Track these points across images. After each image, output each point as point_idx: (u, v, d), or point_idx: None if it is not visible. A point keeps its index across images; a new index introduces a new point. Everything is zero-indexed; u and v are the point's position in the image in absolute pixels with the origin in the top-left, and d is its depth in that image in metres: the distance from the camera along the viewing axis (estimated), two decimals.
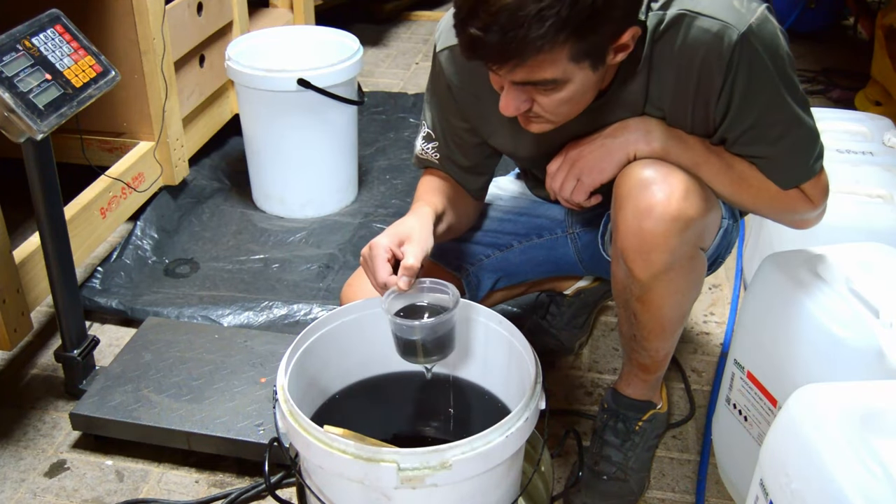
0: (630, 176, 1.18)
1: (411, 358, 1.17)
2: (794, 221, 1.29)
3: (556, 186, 1.25)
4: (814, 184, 1.22)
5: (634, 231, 1.17)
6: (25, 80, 1.32)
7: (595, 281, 1.71)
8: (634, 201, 1.16)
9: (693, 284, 1.26)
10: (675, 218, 1.14)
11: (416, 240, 1.15)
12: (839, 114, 2.00)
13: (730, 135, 1.18)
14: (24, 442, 1.56)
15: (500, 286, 1.53)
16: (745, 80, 1.12)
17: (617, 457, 1.42)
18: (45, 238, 1.47)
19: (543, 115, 1.12)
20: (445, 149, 1.35)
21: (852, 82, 3.00)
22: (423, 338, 1.14)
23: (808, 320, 1.22)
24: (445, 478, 0.97)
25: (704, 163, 1.20)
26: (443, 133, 1.34)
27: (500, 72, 1.05)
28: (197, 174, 2.35)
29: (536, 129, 1.16)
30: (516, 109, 1.10)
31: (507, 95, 1.09)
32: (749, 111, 1.15)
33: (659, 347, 1.33)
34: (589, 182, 1.22)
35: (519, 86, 1.07)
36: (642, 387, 1.43)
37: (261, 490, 1.45)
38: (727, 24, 1.09)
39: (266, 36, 2.30)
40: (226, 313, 1.84)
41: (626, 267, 1.21)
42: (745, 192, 1.23)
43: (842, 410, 0.93)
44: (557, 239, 1.52)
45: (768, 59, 1.11)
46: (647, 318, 1.27)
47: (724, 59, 1.10)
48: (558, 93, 1.07)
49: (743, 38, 1.09)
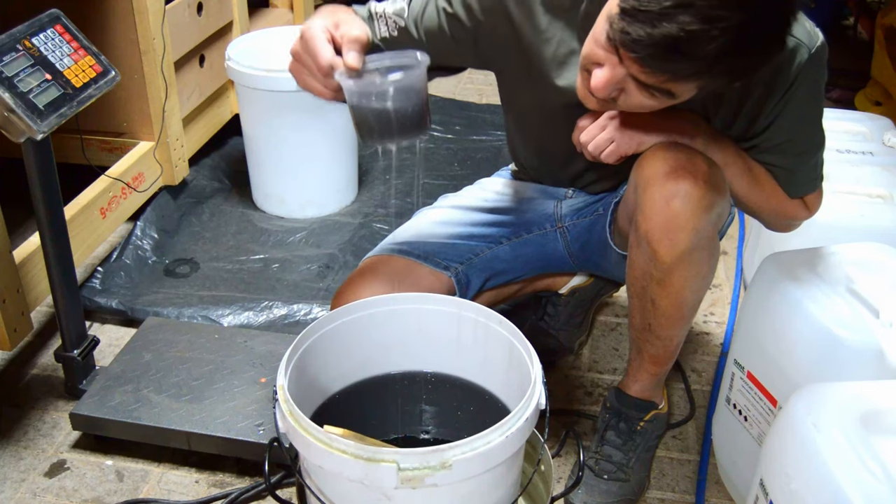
0: (654, 158, 1.20)
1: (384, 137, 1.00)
2: (785, 225, 1.37)
3: (586, 139, 1.25)
4: (815, 195, 1.31)
5: (661, 211, 1.18)
6: (25, 80, 1.32)
7: (589, 278, 1.71)
8: (661, 182, 1.18)
9: (711, 268, 1.28)
10: (702, 197, 1.17)
11: (352, 18, 1.08)
12: (839, 114, 2.00)
13: (764, 142, 1.25)
14: (24, 442, 1.56)
15: (491, 285, 1.53)
16: (799, 98, 1.18)
17: (618, 456, 1.43)
18: (45, 238, 1.47)
19: (624, 105, 1.12)
20: (400, 36, 1.27)
21: (852, 82, 3.00)
22: (395, 101, 0.96)
23: (808, 320, 1.22)
24: (445, 478, 0.97)
25: (732, 164, 1.25)
26: (423, 25, 1.27)
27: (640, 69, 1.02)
28: (197, 174, 2.35)
29: (594, 105, 1.16)
30: (608, 94, 1.09)
31: (610, 76, 1.07)
32: (791, 125, 1.21)
33: (673, 336, 1.34)
34: (625, 148, 1.23)
35: (637, 83, 1.06)
36: (649, 382, 1.43)
37: (261, 490, 1.45)
38: (801, 43, 1.15)
39: (266, 36, 2.30)
40: (226, 313, 1.84)
41: (650, 250, 1.22)
42: (758, 196, 1.29)
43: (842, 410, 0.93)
44: (547, 234, 1.52)
45: (821, 83, 1.20)
46: (666, 304, 1.28)
47: (792, 75, 1.16)
48: (660, 101, 1.08)
49: (810, 59, 1.15)
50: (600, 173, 1.45)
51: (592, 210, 1.48)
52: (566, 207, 1.51)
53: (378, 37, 1.28)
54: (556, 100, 1.30)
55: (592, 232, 1.47)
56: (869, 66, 2.89)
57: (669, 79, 1.02)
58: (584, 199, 1.50)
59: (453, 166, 2.54)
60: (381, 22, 1.28)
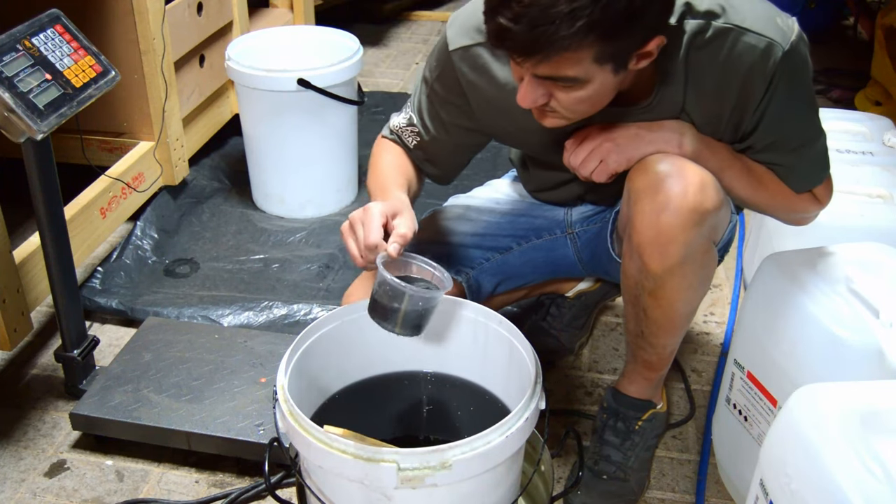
0: (646, 170, 1.20)
1: (383, 321, 1.14)
2: (799, 220, 1.35)
3: (576, 162, 1.25)
4: (824, 186, 1.30)
5: (652, 223, 1.18)
6: (25, 80, 1.32)
7: (596, 283, 1.71)
8: (652, 194, 1.17)
9: (704, 280, 1.27)
10: (693, 210, 1.16)
11: (409, 216, 1.17)
12: (839, 114, 2.00)
13: (757, 143, 1.23)
14: (24, 442, 1.56)
15: (501, 290, 1.53)
16: (782, 95, 1.17)
17: (617, 456, 1.43)
18: (45, 238, 1.47)
19: (559, 110, 1.13)
20: (424, 138, 1.36)
21: (852, 82, 2.99)
22: (407, 306, 1.11)
23: (808, 320, 1.22)
24: (445, 478, 0.97)
25: (729, 168, 1.24)
26: (431, 123, 1.35)
27: (523, 64, 1.06)
28: (197, 174, 2.35)
29: (550, 123, 1.17)
30: (533, 102, 1.11)
31: (526, 87, 1.10)
32: (779, 123, 1.20)
33: (666, 344, 1.34)
34: (614, 166, 1.23)
35: (539, 79, 1.08)
36: (645, 385, 1.43)
37: (261, 490, 1.45)
38: (773, 42, 1.14)
39: (266, 36, 2.31)
40: (226, 313, 1.84)
41: (641, 261, 1.22)
42: (762, 195, 1.28)
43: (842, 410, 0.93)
44: (556, 239, 1.52)
45: (803, 76, 1.18)
46: (657, 314, 1.27)
47: (768, 75, 1.15)
48: (578, 91, 1.09)
49: (786, 56, 1.14)
50: (600, 194, 1.45)
51: (602, 217, 1.48)
52: (576, 214, 1.51)
53: (411, 147, 1.37)
54: (542, 139, 1.31)
55: (601, 238, 1.47)
56: (869, 66, 2.88)
57: (543, 58, 1.02)
58: (593, 208, 1.51)
59: None
60: (405, 134, 1.37)
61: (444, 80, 1.31)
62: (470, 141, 1.39)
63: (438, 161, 1.39)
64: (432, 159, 1.39)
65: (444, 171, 1.42)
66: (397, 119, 1.39)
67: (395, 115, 1.40)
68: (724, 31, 1.14)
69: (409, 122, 1.37)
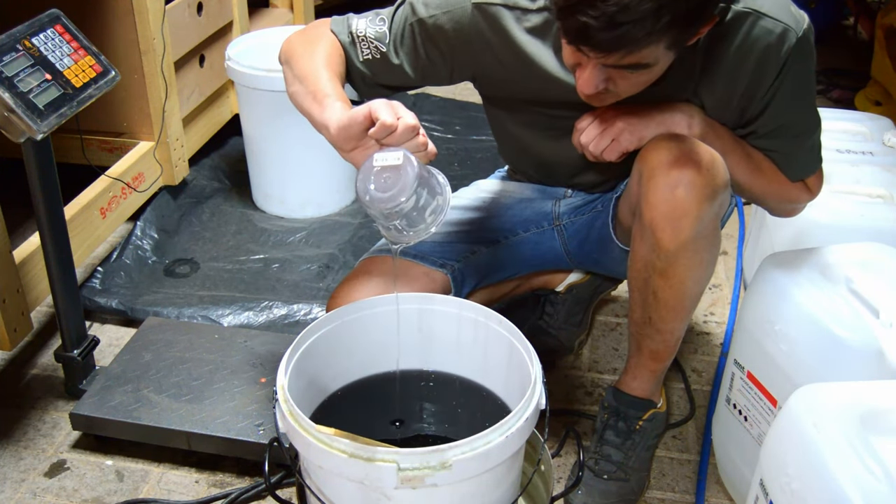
0: (658, 148, 1.22)
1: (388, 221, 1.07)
2: (790, 210, 1.39)
3: (586, 140, 1.26)
4: (816, 177, 1.33)
5: (666, 198, 1.19)
6: (25, 80, 1.32)
7: (586, 275, 1.71)
8: (666, 170, 1.19)
9: (712, 259, 1.29)
10: (705, 185, 1.18)
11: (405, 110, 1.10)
12: (839, 114, 2.00)
13: (761, 128, 1.26)
14: (24, 442, 1.56)
15: (486, 283, 1.53)
16: (791, 81, 1.20)
17: (617, 456, 1.43)
18: (45, 238, 1.47)
19: (617, 92, 1.15)
20: (379, 61, 1.30)
21: (852, 82, 3.00)
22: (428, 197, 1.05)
23: (808, 320, 1.22)
24: (445, 478, 0.97)
25: (731, 152, 1.27)
26: (402, 51, 1.29)
27: (598, 58, 1.06)
28: (197, 174, 2.35)
29: (599, 102, 1.19)
30: (596, 88, 1.12)
31: (589, 76, 1.11)
32: (785, 108, 1.23)
33: (674, 328, 1.34)
34: (626, 144, 1.25)
35: (606, 67, 1.09)
36: (648, 379, 1.43)
37: (261, 490, 1.45)
38: (788, 27, 1.17)
39: (266, 36, 2.30)
40: (226, 313, 1.84)
41: (654, 238, 1.23)
42: (759, 181, 1.31)
43: (842, 410, 0.93)
44: (544, 232, 1.53)
45: (811, 65, 1.21)
46: (668, 295, 1.28)
47: (782, 58, 1.18)
48: (642, 76, 1.11)
49: (799, 42, 1.17)
50: (600, 174, 1.45)
51: (591, 207, 1.49)
52: (564, 206, 1.52)
53: (360, 59, 1.31)
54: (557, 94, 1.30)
55: (591, 229, 1.48)
56: (869, 66, 2.89)
57: (626, 53, 1.03)
58: (582, 198, 1.51)
59: (453, 166, 2.54)
60: (364, 45, 1.31)
61: (451, 25, 1.26)
62: (416, 85, 1.35)
63: (371, 86, 1.33)
64: (367, 80, 1.33)
65: (366, 94, 1.35)
66: (362, 26, 1.30)
67: (360, 20, 1.30)
68: (743, 16, 1.17)
69: (378, 36, 1.29)
